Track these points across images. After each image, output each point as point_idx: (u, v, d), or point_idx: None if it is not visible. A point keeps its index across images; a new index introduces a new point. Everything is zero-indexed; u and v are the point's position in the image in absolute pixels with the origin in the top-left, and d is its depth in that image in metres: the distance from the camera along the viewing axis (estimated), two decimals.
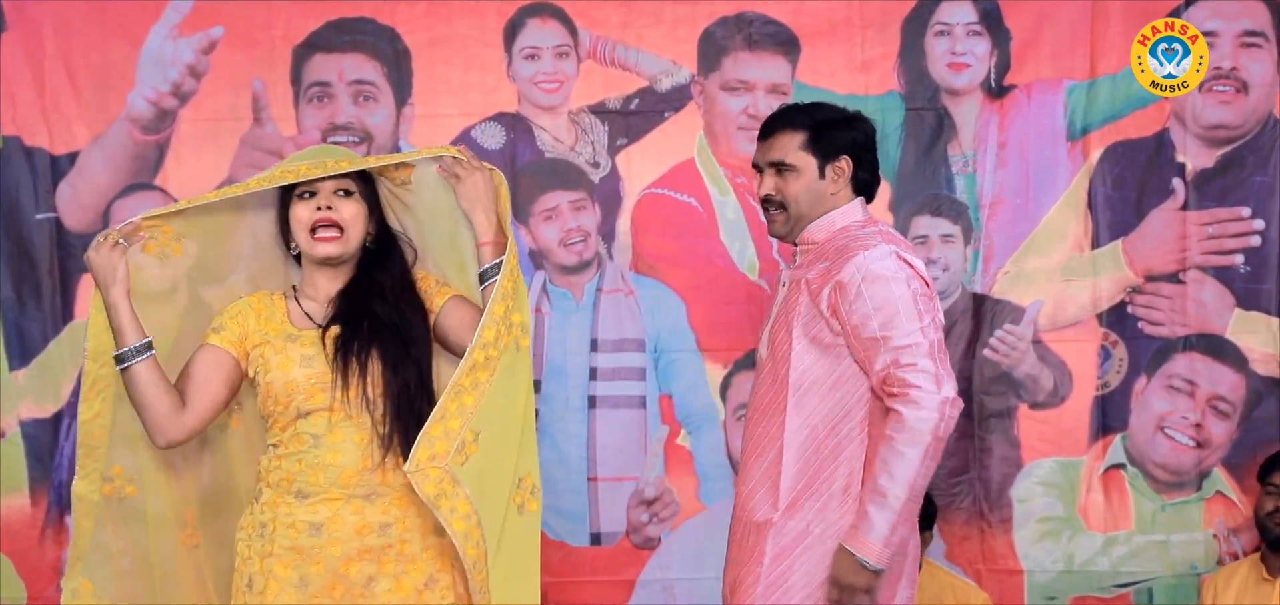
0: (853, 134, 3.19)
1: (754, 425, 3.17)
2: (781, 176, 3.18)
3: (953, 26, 4.18)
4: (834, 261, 3.08)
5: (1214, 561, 4.13)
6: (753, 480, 3.14)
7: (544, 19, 4.20)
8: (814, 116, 3.19)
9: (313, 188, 2.91)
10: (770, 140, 3.20)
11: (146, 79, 4.18)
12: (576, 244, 4.21)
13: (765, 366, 3.18)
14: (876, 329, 3.00)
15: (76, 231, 4.19)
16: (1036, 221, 4.17)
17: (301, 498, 2.84)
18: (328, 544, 2.83)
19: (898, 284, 3.03)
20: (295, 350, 2.88)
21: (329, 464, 2.84)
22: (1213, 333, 4.15)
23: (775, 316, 3.20)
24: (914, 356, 2.99)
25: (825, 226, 3.17)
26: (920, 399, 2.96)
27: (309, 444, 2.85)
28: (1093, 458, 4.17)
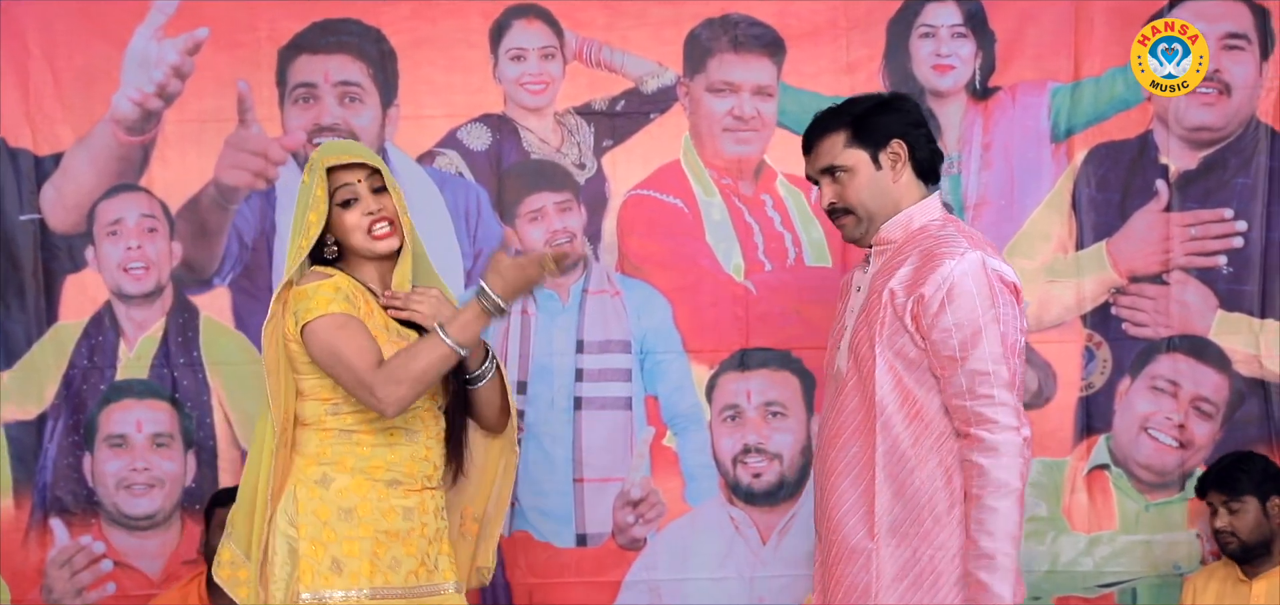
0: (896, 116, 3.09)
1: (843, 442, 3.04)
2: (837, 181, 3.07)
3: (937, 28, 4.19)
4: (919, 268, 2.97)
5: (1197, 561, 4.14)
6: (847, 502, 3.02)
7: (530, 21, 4.21)
8: (850, 111, 3.10)
9: (352, 194, 3.00)
10: (815, 150, 3.10)
11: (131, 80, 4.17)
12: (562, 245, 4.21)
13: (849, 380, 3.04)
14: (954, 348, 2.91)
15: (61, 233, 4.19)
16: (1021, 223, 4.17)
17: (394, 486, 2.99)
18: (418, 528, 3.00)
19: (982, 300, 2.93)
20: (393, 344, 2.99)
21: (425, 458, 3.04)
22: (1196, 334, 4.16)
23: (856, 327, 3.06)
24: (991, 387, 2.90)
25: (902, 225, 3.05)
26: (999, 443, 2.88)
27: (404, 437, 3.01)
28: (1077, 458, 4.18)
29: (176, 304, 4.20)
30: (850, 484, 3.02)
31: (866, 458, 2.99)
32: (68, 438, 4.19)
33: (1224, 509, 3.93)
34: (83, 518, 4.19)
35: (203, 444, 4.20)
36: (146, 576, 4.18)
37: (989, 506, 2.88)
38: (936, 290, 2.92)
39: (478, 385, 3.12)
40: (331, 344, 2.91)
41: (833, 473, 3.05)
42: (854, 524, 3.01)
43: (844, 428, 3.04)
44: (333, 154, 3.05)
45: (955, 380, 2.92)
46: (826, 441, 3.09)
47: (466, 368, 3.08)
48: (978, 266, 2.94)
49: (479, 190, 4.21)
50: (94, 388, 4.18)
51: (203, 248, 4.20)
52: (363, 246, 3.02)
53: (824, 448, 3.11)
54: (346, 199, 3.01)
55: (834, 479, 3.05)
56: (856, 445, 3.01)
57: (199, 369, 4.19)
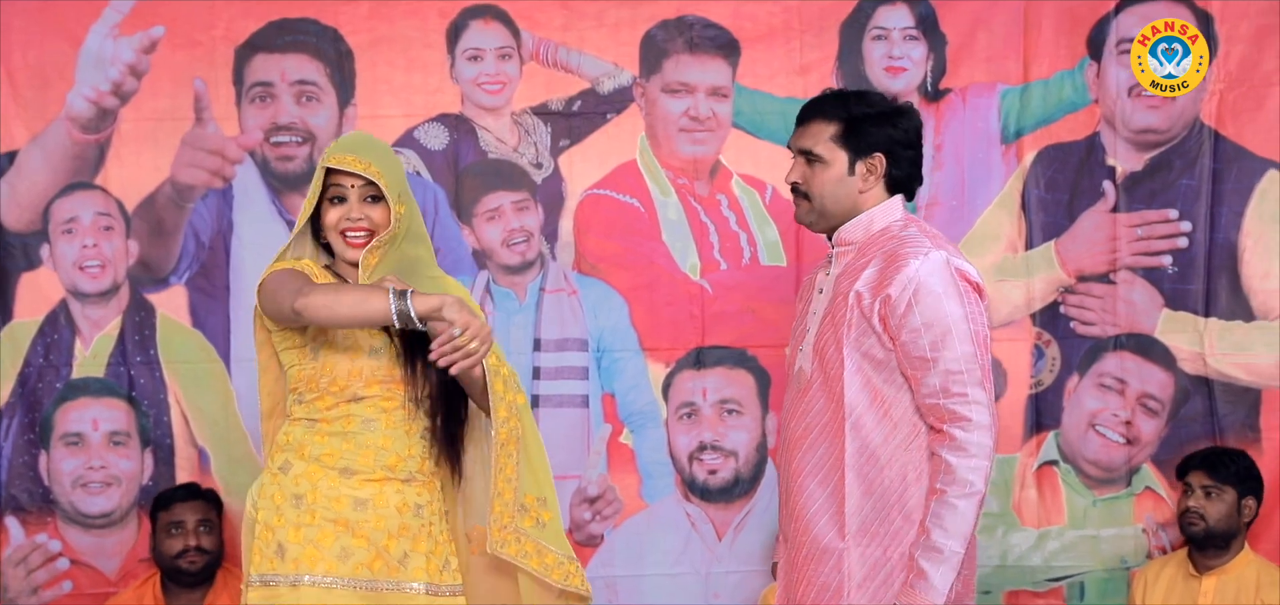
0: (890, 130, 3.08)
1: (810, 443, 3.04)
2: (810, 166, 3.08)
3: (889, 31, 4.22)
4: (883, 269, 2.98)
5: (1144, 555, 4.19)
6: (816, 502, 3.02)
7: (486, 21, 4.21)
8: (851, 108, 3.08)
9: (341, 194, 3.01)
10: (804, 127, 3.10)
11: (86, 78, 4.15)
12: (519, 244, 4.22)
13: (814, 382, 3.04)
14: (926, 348, 2.93)
15: (15, 231, 4.16)
16: (971, 223, 4.20)
17: (346, 474, 2.97)
18: (372, 518, 2.95)
19: (950, 300, 2.95)
20: (364, 338, 2.98)
21: (381, 446, 2.98)
22: (1142, 332, 4.20)
23: (821, 328, 3.06)
24: (965, 384, 2.92)
25: (863, 226, 3.07)
26: (970, 443, 2.90)
27: (360, 425, 2.97)
28: (1026, 454, 4.22)
29: (133, 302, 4.19)
30: (818, 484, 3.03)
31: (835, 458, 3.00)
32: (23, 436, 4.17)
33: (1202, 491, 3.97)
34: (39, 516, 4.17)
35: (160, 442, 4.19)
36: (103, 575, 4.17)
37: (950, 503, 2.91)
38: (903, 290, 2.94)
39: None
40: (273, 286, 2.94)
41: (800, 474, 3.06)
42: (824, 524, 3.01)
43: (810, 429, 3.05)
44: (335, 154, 3.02)
45: (928, 380, 2.94)
46: (792, 442, 3.10)
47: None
48: (942, 265, 2.97)
49: (436, 189, 4.21)
50: (50, 386, 4.17)
51: (159, 246, 4.19)
52: (337, 247, 3.04)
53: (789, 449, 3.11)
54: (335, 197, 3.02)
55: (801, 480, 3.05)
56: (824, 446, 3.02)
57: (156, 367, 4.18)
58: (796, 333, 3.20)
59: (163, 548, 4.02)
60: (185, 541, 3.99)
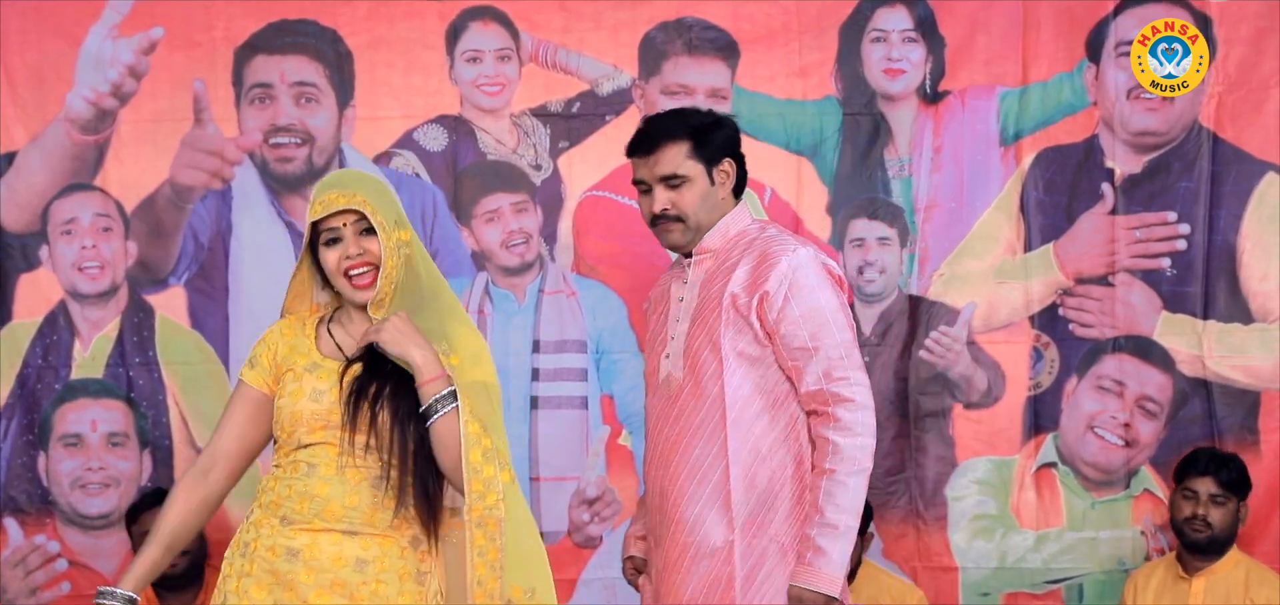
0: (728, 133, 3.18)
1: (685, 447, 3.09)
2: (675, 190, 3.12)
3: (888, 33, 4.21)
4: (756, 268, 3.06)
5: (1142, 557, 4.18)
6: (698, 503, 3.07)
7: (486, 22, 4.21)
8: (691, 122, 3.16)
9: (336, 235, 2.82)
10: (656, 154, 3.14)
11: (85, 79, 4.15)
12: (518, 246, 4.22)
13: (685, 387, 3.10)
14: (806, 338, 3.03)
15: (14, 232, 4.17)
16: (970, 225, 4.20)
17: (286, 523, 2.79)
18: (301, 571, 2.78)
19: (824, 291, 3.06)
20: (310, 382, 2.82)
21: (316, 494, 2.78)
22: (1140, 335, 4.19)
23: (691, 333, 3.12)
24: (847, 368, 3.04)
25: (721, 233, 3.15)
26: (856, 424, 3.02)
27: (303, 472, 2.80)
28: (1025, 456, 4.22)
29: (132, 303, 4.19)
30: (698, 485, 3.07)
31: (716, 456, 3.05)
32: (22, 437, 4.17)
33: (1209, 498, 3.97)
34: (37, 517, 4.18)
35: (158, 443, 4.19)
36: (102, 576, 4.14)
37: (841, 481, 3.00)
38: (779, 285, 3.03)
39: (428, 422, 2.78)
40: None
41: (678, 477, 3.09)
42: (711, 522, 3.05)
43: (685, 432, 3.09)
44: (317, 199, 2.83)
45: (811, 367, 3.03)
46: (666, 449, 3.14)
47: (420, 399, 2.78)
48: (811, 260, 3.09)
49: (435, 191, 4.21)
50: (48, 387, 4.17)
51: (158, 247, 4.19)
52: (345, 291, 2.84)
53: (663, 455, 3.14)
54: (330, 239, 2.82)
55: (680, 483, 3.09)
56: (701, 445, 3.07)
57: (154, 368, 4.18)
58: (656, 342, 3.24)
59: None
60: None
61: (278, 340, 2.90)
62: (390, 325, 2.79)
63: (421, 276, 2.86)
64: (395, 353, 2.78)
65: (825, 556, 3.00)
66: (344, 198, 2.81)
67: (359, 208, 2.80)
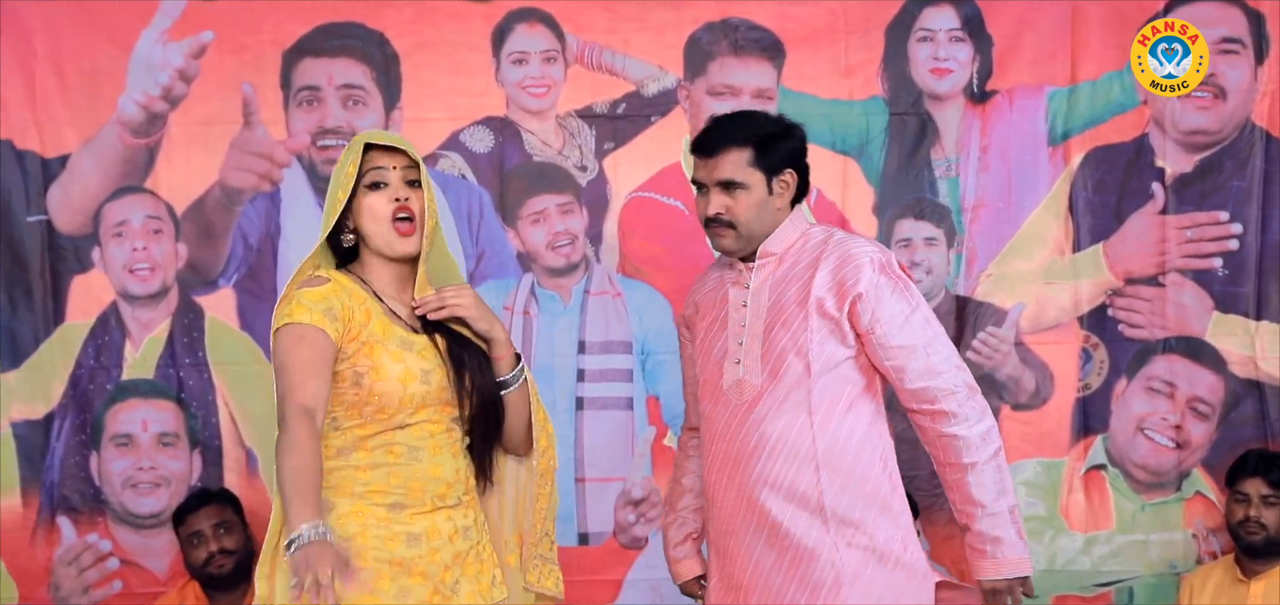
0: (793, 145, 3.15)
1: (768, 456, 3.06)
2: (731, 195, 3.10)
3: (935, 32, 4.20)
4: (839, 271, 3.04)
5: (1193, 561, 4.16)
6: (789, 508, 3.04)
7: (531, 24, 4.22)
8: (757, 131, 3.12)
9: (383, 178, 2.78)
10: (717, 158, 3.11)
11: (137, 83, 4.18)
12: (564, 247, 4.23)
13: (764, 391, 3.07)
14: (905, 337, 3.03)
15: (67, 234, 4.21)
16: (1018, 225, 4.19)
17: (397, 509, 2.75)
18: (428, 554, 2.76)
19: (911, 288, 3.07)
20: (414, 361, 2.77)
21: (431, 476, 2.77)
22: (1192, 335, 4.17)
23: (769, 338, 3.09)
24: (947, 361, 3.06)
25: (782, 238, 3.12)
26: (971, 411, 3.03)
27: (405, 456, 2.75)
28: (1074, 458, 4.20)
29: (182, 305, 4.22)
30: (788, 490, 3.05)
31: (805, 459, 3.03)
32: (75, 437, 4.21)
33: (1260, 499, 3.94)
34: (89, 516, 4.21)
35: (208, 443, 4.22)
36: (153, 575, 4.21)
37: (982, 469, 3.01)
38: (872, 286, 3.02)
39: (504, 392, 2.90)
40: (284, 355, 2.69)
41: (762, 484, 3.07)
42: (805, 524, 3.04)
43: (766, 438, 3.06)
44: (375, 134, 2.85)
45: (912, 365, 3.03)
46: (740, 456, 3.09)
47: (496, 364, 2.88)
48: (892, 260, 3.08)
49: (481, 192, 4.22)
50: (100, 387, 4.20)
51: (208, 249, 4.22)
52: (382, 239, 2.78)
53: (737, 462, 3.10)
54: (376, 181, 2.77)
55: (765, 490, 3.06)
56: (786, 451, 3.05)
57: (204, 369, 4.21)
58: (713, 349, 3.18)
59: (190, 560, 4.05)
60: (207, 549, 4.01)
61: (344, 304, 2.74)
62: (472, 298, 2.81)
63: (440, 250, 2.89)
64: (482, 327, 2.81)
65: (1003, 543, 3.02)
66: (393, 139, 2.80)
67: (414, 156, 2.79)
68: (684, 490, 3.36)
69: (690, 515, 3.35)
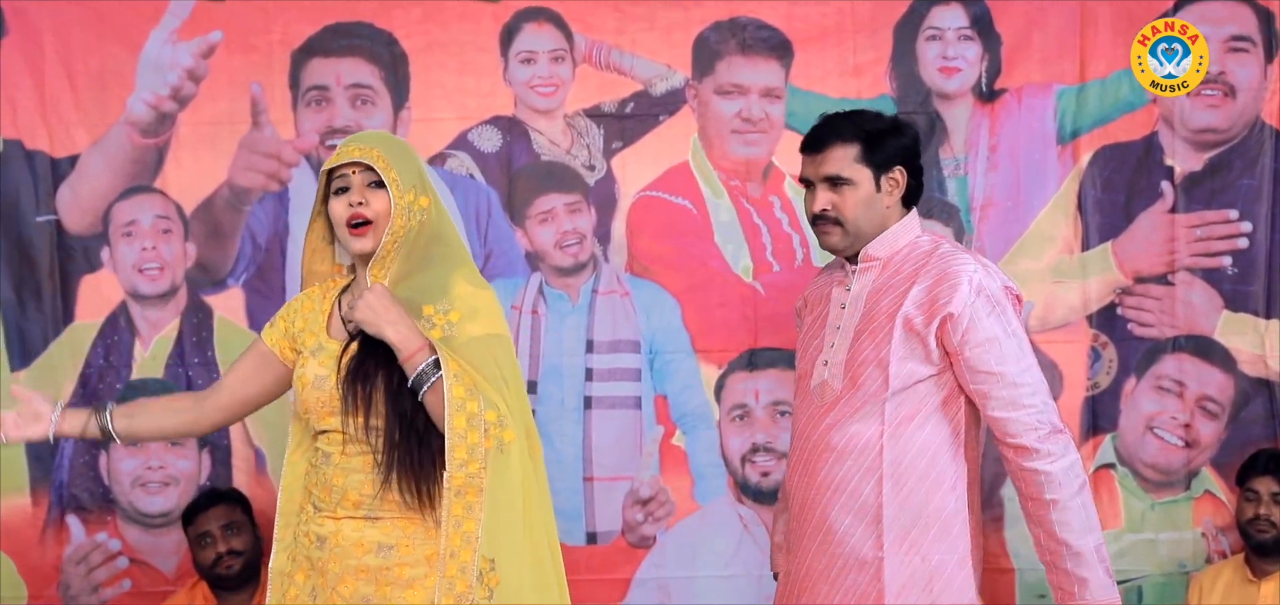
0: (904, 142, 3.11)
1: (835, 462, 3.06)
2: (837, 192, 3.07)
3: (944, 31, 4.19)
4: (934, 288, 3.02)
5: (1202, 560, 4.15)
6: (848, 516, 3.04)
7: (540, 23, 4.22)
8: (865, 127, 3.09)
9: (344, 183, 2.84)
10: (824, 154, 3.08)
11: (146, 83, 4.18)
12: (572, 246, 4.23)
13: (842, 396, 3.06)
14: (993, 364, 3.00)
15: (77, 234, 4.21)
16: (1027, 224, 4.18)
17: (316, 510, 2.83)
18: (329, 559, 2.79)
19: (1007, 314, 3.03)
20: (313, 367, 2.84)
21: (333, 483, 2.80)
22: (1201, 334, 4.15)
23: (853, 345, 3.07)
24: (1036, 394, 3.03)
25: (888, 242, 3.09)
26: (1055, 448, 3.02)
27: (321, 459, 2.83)
28: (1083, 457, 4.06)
29: (191, 304, 4.23)
30: (849, 498, 3.04)
31: (868, 471, 3.02)
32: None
33: (1271, 498, 3.93)
34: (99, 515, 4.22)
35: (217, 443, 4.22)
36: (162, 574, 4.22)
37: (1066, 505, 3.00)
38: (964, 308, 2.99)
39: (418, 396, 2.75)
40: None
41: (827, 488, 3.06)
42: (859, 536, 3.02)
43: (837, 443, 3.05)
44: (336, 154, 2.87)
45: (998, 393, 3.01)
46: (811, 456, 3.10)
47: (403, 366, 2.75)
48: (993, 281, 3.04)
49: (490, 192, 4.23)
50: (110, 387, 4.19)
51: (217, 249, 4.22)
52: (342, 240, 2.87)
53: (808, 463, 3.11)
54: (339, 187, 2.85)
55: (829, 494, 3.06)
56: (853, 459, 3.04)
57: (213, 369, 4.21)
58: (810, 346, 3.19)
59: (198, 560, 4.06)
60: (215, 550, 4.01)
61: (296, 312, 2.93)
62: (365, 302, 2.76)
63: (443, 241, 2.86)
64: (372, 332, 2.76)
65: (1088, 584, 3.02)
66: (359, 150, 2.83)
67: (371, 161, 2.80)
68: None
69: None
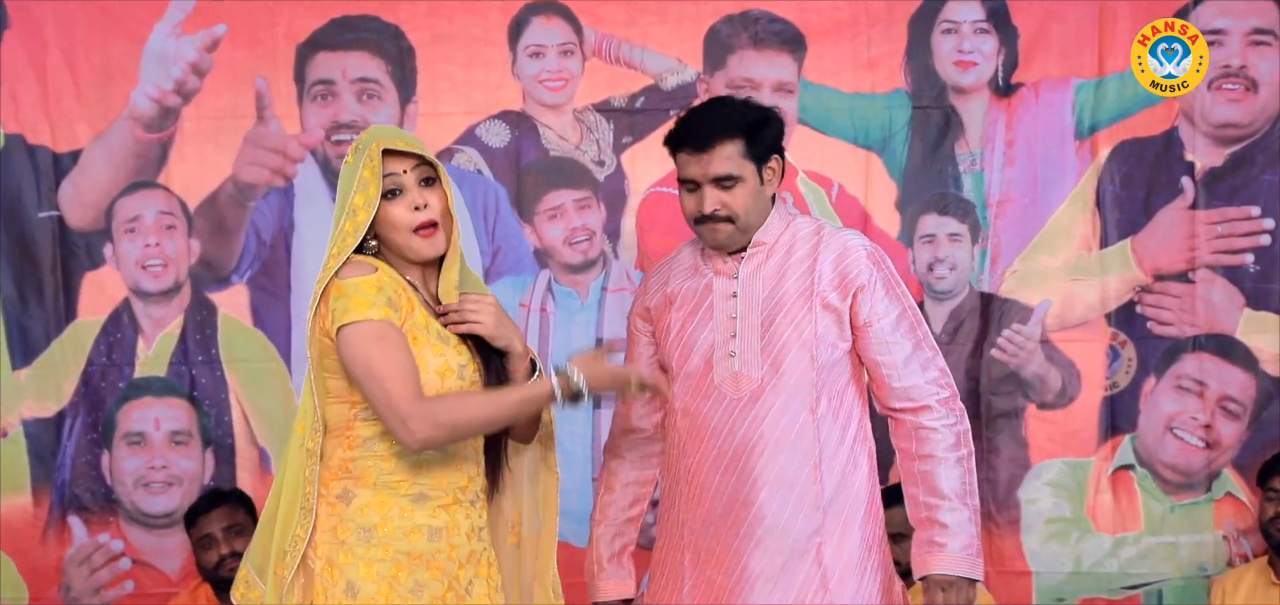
0: (777, 131, 3.05)
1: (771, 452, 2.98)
2: (727, 191, 2.98)
3: (960, 24, 4.16)
4: (840, 263, 3.00)
5: (1224, 563, 4.11)
6: (786, 508, 2.98)
7: (548, 17, 4.20)
8: (747, 120, 3.02)
9: (398, 184, 2.71)
10: (710, 153, 2.98)
11: (149, 77, 4.18)
12: (581, 243, 4.20)
13: (765, 386, 2.99)
14: (901, 332, 2.99)
15: (79, 230, 4.20)
16: (1044, 220, 4.16)
17: (420, 501, 2.72)
18: (446, 549, 2.73)
19: (901, 285, 3.03)
20: (451, 356, 2.74)
21: (456, 470, 2.74)
22: (1222, 332, 4.13)
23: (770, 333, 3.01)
24: (938, 358, 3.03)
25: (774, 228, 3.05)
26: (955, 408, 3.00)
27: (432, 450, 2.71)
28: (1101, 458, 4.16)
29: (194, 301, 4.21)
30: (788, 488, 2.98)
31: (805, 456, 2.97)
32: (86, 435, 4.20)
33: None
34: (101, 516, 4.21)
35: (221, 442, 4.21)
36: (165, 575, 4.21)
37: (954, 465, 2.96)
38: (871, 279, 2.98)
39: None
40: (367, 356, 2.62)
41: (761, 482, 2.99)
42: (800, 524, 2.97)
43: (769, 434, 2.99)
44: (387, 137, 2.73)
45: (908, 360, 2.99)
46: (741, 451, 3.01)
47: (511, 374, 2.80)
48: (882, 254, 3.06)
49: (497, 188, 4.20)
50: (112, 385, 4.20)
51: (221, 245, 4.21)
52: (404, 246, 2.73)
53: (738, 458, 3.01)
54: (391, 190, 2.70)
55: (761, 488, 2.99)
56: (789, 448, 2.98)
57: (217, 367, 4.20)
58: (695, 340, 3.07)
59: (201, 562, 4.04)
60: (218, 552, 3.98)
61: (395, 289, 2.71)
62: (491, 313, 2.75)
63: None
64: (501, 343, 2.76)
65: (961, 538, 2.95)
66: (415, 144, 2.73)
67: (428, 155, 2.74)
68: (617, 497, 3.24)
69: (627, 526, 3.24)
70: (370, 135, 2.75)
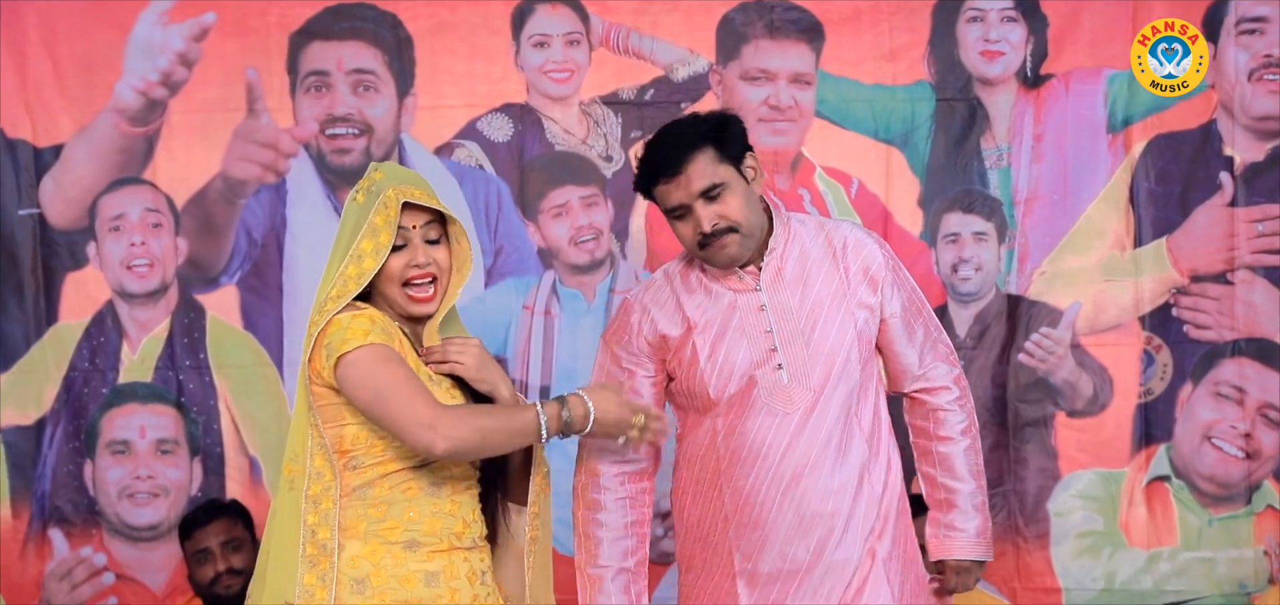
0: (739, 127, 2.99)
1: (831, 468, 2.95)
2: (718, 202, 2.92)
3: (986, 12, 4.14)
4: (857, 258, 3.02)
5: (1264, 580, 4.08)
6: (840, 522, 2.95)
7: (554, 5, 4.16)
8: (705, 127, 2.96)
9: (403, 239, 2.71)
10: (685, 173, 2.91)
11: (134, 68, 4.14)
12: (588, 242, 4.15)
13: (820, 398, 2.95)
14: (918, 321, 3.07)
15: (61, 228, 4.15)
16: (1075, 218, 4.13)
17: (412, 547, 2.69)
18: (446, 593, 2.71)
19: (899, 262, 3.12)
20: (444, 399, 2.71)
21: (449, 514, 2.72)
22: (1263, 337, 4.10)
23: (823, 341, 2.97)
24: (947, 339, 3.14)
25: (779, 234, 3.01)
26: (966, 391, 3.11)
27: (423, 493, 2.70)
28: (1135, 469, 4.12)
29: (182, 303, 4.17)
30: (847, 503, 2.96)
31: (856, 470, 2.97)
32: (68, 444, 4.16)
33: None
34: (83, 528, 4.15)
35: (209, 451, 4.17)
36: (150, 590, 4.15)
37: (972, 446, 3.08)
38: (889, 273, 3.05)
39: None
40: (374, 379, 2.63)
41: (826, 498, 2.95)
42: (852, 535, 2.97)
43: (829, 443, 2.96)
44: (407, 188, 2.73)
45: (928, 347, 3.07)
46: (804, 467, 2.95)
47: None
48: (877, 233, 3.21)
49: (500, 184, 4.15)
50: (96, 391, 4.15)
51: (209, 244, 4.15)
52: (394, 297, 2.74)
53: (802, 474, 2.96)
54: (397, 244, 2.72)
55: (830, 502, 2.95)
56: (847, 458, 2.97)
57: (206, 372, 4.16)
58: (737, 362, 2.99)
59: (195, 578, 3.99)
60: (214, 568, 3.94)
61: (387, 325, 2.71)
62: (474, 356, 2.75)
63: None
64: (485, 385, 2.74)
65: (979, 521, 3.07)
66: (424, 196, 2.72)
67: (442, 209, 2.73)
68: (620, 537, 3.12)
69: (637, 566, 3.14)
70: (387, 178, 2.76)
